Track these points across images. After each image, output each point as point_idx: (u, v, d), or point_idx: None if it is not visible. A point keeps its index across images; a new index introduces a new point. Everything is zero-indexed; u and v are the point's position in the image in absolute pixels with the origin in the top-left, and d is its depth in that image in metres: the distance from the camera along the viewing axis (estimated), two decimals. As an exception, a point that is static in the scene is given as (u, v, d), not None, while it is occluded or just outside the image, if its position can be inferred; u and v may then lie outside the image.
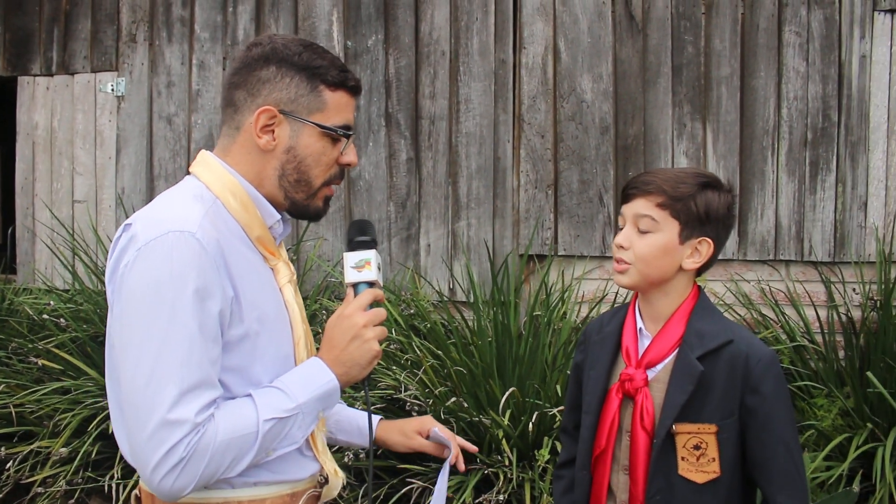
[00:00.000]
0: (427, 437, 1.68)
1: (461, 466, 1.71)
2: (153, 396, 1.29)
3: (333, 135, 1.45)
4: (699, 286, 1.69)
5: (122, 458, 3.32)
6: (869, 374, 3.02)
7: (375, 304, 1.46)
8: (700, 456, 1.59)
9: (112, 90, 4.33)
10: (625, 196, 1.66)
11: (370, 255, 1.48)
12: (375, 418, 1.64)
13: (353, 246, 1.50)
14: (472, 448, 1.76)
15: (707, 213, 1.62)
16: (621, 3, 3.78)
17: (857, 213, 3.63)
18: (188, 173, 1.50)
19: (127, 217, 4.17)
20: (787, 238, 3.67)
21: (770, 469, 1.59)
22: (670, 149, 3.74)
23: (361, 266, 1.47)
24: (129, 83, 4.30)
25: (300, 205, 1.48)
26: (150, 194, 4.28)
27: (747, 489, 1.64)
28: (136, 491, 1.50)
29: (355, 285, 1.47)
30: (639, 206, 1.63)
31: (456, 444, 1.68)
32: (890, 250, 3.55)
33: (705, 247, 1.64)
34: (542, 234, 3.85)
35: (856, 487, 2.61)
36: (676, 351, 1.63)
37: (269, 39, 1.46)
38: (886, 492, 2.76)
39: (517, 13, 3.87)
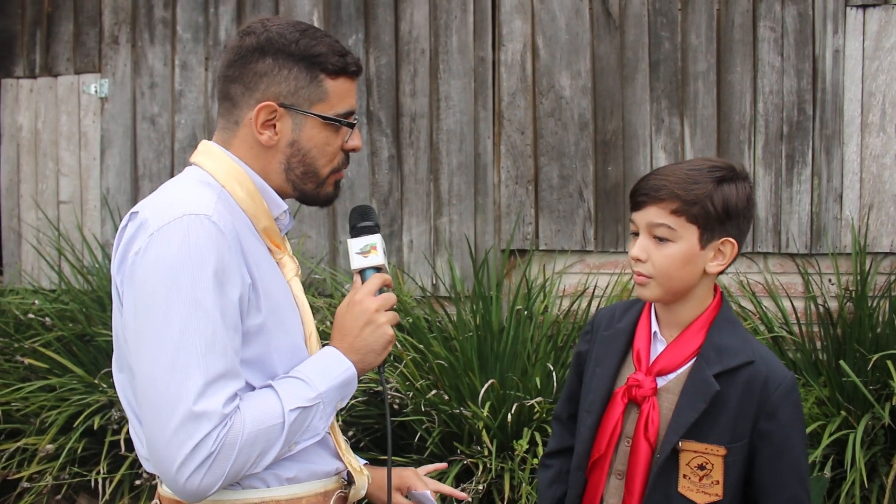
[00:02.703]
0: (406, 496, 1.60)
1: (460, 496, 1.67)
2: (176, 388, 1.21)
3: (337, 124, 1.41)
4: (722, 293, 1.60)
5: (108, 453, 3.35)
6: (842, 363, 3.06)
7: (384, 288, 1.43)
8: (703, 476, 1.52)
9: (95, 92, 4.36)
10: (634, 203, 1.55)
11: (375, 239, 1.44)
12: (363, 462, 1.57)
13: (356, 232, 1.46)
14: (462, 496, 1.71)
15: (727, 210, 1.51)
16: (598, 1, 3.82)
17: (832, 205, 3.68)
18: (190, 164, 1.44)
19: (112, 217, 4.22)
20: (765, 231, 3.72)
21: (779, 497, 1.54)
22: (649, 143, 3.79)
23: (367, 251, 1.43)
24: (112, 84, 4.33)
25: (310, 194, 1.44)
26: (135, 194, 4.31)
27: None
28: (154, 501, 1.43)
29: (362, 271, 1.44)
30: (652, 215, 1.52)
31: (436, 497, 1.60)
32: (865, 242, 3.60)
33: (728, 247, 1.53)
34: (522, 229, 3.89)
35: (827, 473, 2.65)
36: (692, 363, 1.55)
37: (263, 27, 1.39)
38: (858, 476, 2.80)
39: (496, 11, 3.91)
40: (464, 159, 3.93)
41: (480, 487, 2.91)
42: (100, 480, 3.34)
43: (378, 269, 1.44)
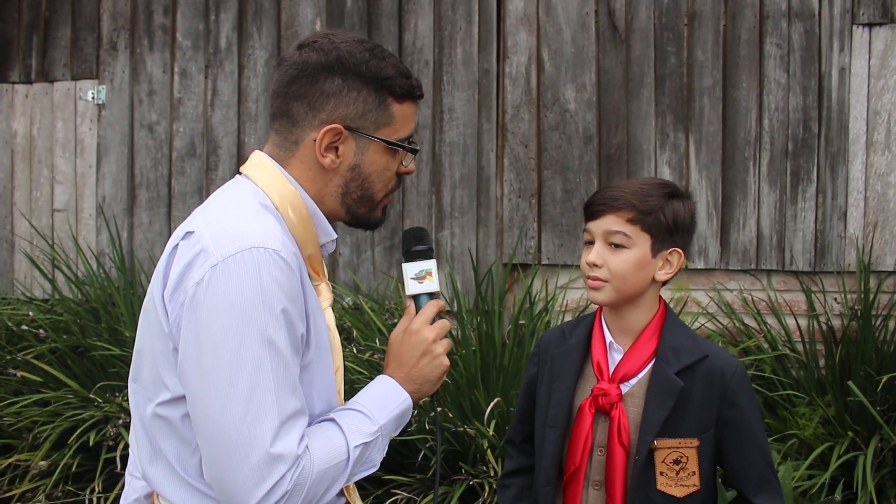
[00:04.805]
0: None
1: None
2: (250, 428, 1.20)
3: (400, 149, 1.37)
4: (663, 298, 1.71)
5: (102, 470, 3.28)
6: (850, 383, 3.04)
7: (439, 314, 1.43)
8: (680, 470, 1.61)
9: (93, 98, 4.29)
10: (591, 213, 1.65)
11: (430, 264, 1.44)
12: None
13: (410, 256, 1.45)
14: None
15: (675, 223, 1.64)
16: (604, 14, 3.80)
17: (836, 223, 3.66)
18: (239, 172, 1.39)
19: (108, 226, 4.16)
20: (769, 248, 3.70)
21: (751, 476, 1.64)
22: (653, 159, 3.77)
23: (422, 277, 1.42)
24: (109, 91, 4.27)
25: (361, 218, 1.41)
26: (132, 203, 4.25)
27: (713, 497, 1.69)
28: None
29: (416, 297, 1.42)
30: (609, 223, 1.62)
31: None
32: (869, 260, 3.59)
33: (676, 257, 1.66)
34: (525, 242, 3.86)
35: (838, 496, 2.63)
36: (650, 365, 1.64)
37: (330, 43, 1.33)
38: (867, 500, 2.78)
39: (501, 23, 3.88)
40: (466, 172, 3.89)
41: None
42: (94, 499, 3.26)
43: (432, 295, 1.43)
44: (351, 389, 3.51)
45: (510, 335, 3.54)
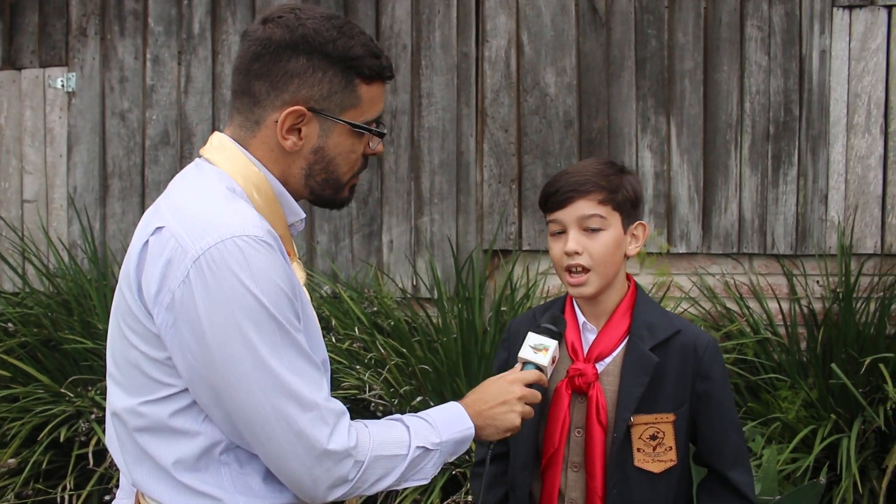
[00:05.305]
0: None
1: None
2: (295, 422, 1.22)
3: (366, 132, 1.33)
4: (630, 275, 1.73)
5: (74, 467, 3.20)
6: (833, 366, 3.03)
7: (537, 386, 1.50)
8: (657, 446, 1.61)
9: (62, 86, 4.19)
10: (557, 202, 1.63)
11: (552, 343, 1.52)
12: None
13: (540, 330, 1.54)
14: None
15: (636, 196, 1.67)
16: (584, -3, 3.75)
17: (818, 206, 3.65)
18: (199, 156, 1.35)
19: (79, 217, 4.06)
20: (751, 231, 3.68)
21: (725, 449, 1.66)
22: (634, 143, 3.73)
23: (539, 349, 1.52)
24: (80, 78, 4.17)
25: (327, 199, 1.38)
26: (104, 193, 4.15)
27: (689, 472, 1.70)
28: None
29: (525, 363, 1.52)
30: (582, 208, 1.61)
31: None
32: (850, 243, 3.58)
33: (641, 230, 1.67)
34: (506, 228, 3.81)
35: (823, 479, 2.61)
36: (624, 343, 1.64)
37: (297, 19, 1.27)
38: (851, 482, 2.77)
39: (479, 6, 3.82)
40: (446, 157, 3.84)
41: (469, 498, 2.82)
42: (66, 496, 3.18)
43: (540, 368, 1.52)
44: (331, 380, 3.46)
45: (491, 322, 3.50)
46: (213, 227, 1.19)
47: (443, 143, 3.84)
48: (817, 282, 3.65)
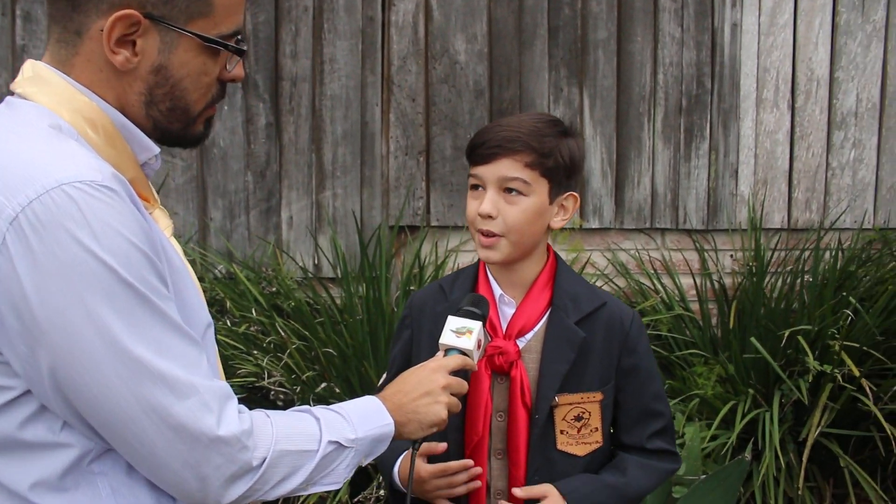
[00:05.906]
0: None
1: None
2: (169, 406, 0.98)
3: (221, 49, 1.07)
4: (551, 245, 1.59)
5: None
6: (753, 339, 2.98)
7: (462, 374, 1.35)
8: (582, 427, 1.50)
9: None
10: (481, 156, 1.48)
11: (475, 326, 1.38)
12: None
13: (461, 312, 1.40)
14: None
15: (573, 164, 1.50)
16: (495, -40, 3.59)
17: (728, 180, 3.62)
18: (11, 93, 1.07)
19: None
20: (663, 206, 3.61)
21: (652, 422, 1.56)
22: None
23: (462, 332, 1.38)
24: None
25: (175, 134, 1.11)
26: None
27: (612, 455, 1.60)
28: None
29: (448, 350, 1.37)
30: (505, 168, 1.45)
31: None
32: (760, 217, 3.57)
33: (571, 202, 1.52)
34: (413, 203, 3.62)
35: (748, 455, 2.55)
36: (546, 316, 1.51)
37: None
38: (773, 456, 2.73)
39: (385, -33, 3.60)
40: (349, 128, 3.60)
41: (382, 493, 2.62)
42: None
43: (464, 353, 1.37)
44: (226, 366, 3.18)
45: (399, 302, 3.32)
46: (34, 176, 0.94)
47: (346, 112, 3.60)
48: (731, 255, 3.62)
